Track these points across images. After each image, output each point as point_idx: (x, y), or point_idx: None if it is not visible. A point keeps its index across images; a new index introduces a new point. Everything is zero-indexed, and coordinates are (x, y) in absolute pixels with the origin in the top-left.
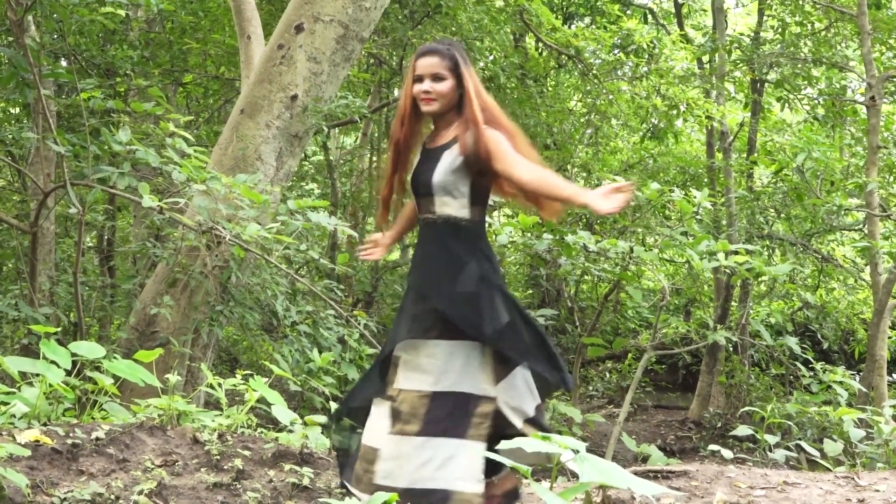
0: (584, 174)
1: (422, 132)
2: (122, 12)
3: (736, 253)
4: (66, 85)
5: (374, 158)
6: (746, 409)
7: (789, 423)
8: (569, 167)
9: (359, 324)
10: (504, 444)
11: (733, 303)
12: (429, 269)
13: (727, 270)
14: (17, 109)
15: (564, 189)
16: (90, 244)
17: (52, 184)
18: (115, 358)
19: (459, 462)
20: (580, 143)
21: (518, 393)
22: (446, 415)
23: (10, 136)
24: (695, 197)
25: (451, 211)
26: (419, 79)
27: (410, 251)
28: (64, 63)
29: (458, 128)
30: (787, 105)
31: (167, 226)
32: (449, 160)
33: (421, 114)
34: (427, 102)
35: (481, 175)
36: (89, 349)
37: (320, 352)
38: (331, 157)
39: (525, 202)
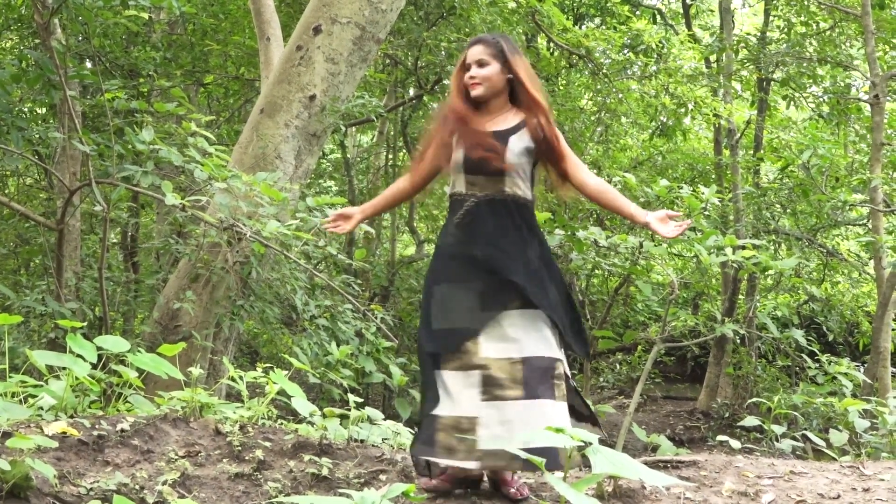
0: (595, 170)
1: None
2: (145, 15)
3: (743, 248)
4: (91, 86)
5: (390, 156)
6: (754, 400)
7: (795, 413)
8: None
9: (375, 317)
10: (520, 443)
11: (740, 296)
12: (503, 244)
13: (734, 265)
14: (44, 110)
15: (627, 205)
16: (114, 241)
17: (78, 182)
18: (139, 351)
19: (557, 421)
20: (591, 141)
21: (565, 358)
22: (539, 378)
23: (37, 136)
24: (703, 193)
25: (519, 191)
26: (468, 66)
27: (427, 246)
28: (89, 64)
29: (519, 113)
30: (792, 103)
31: (189, 223)
32: (521, 143)
33: (471, 100)
34: (473, 87)
35: (538, 162)
36: (114, 343)
37: (338, 345)
38: (348, 155)
39: (557, 186)
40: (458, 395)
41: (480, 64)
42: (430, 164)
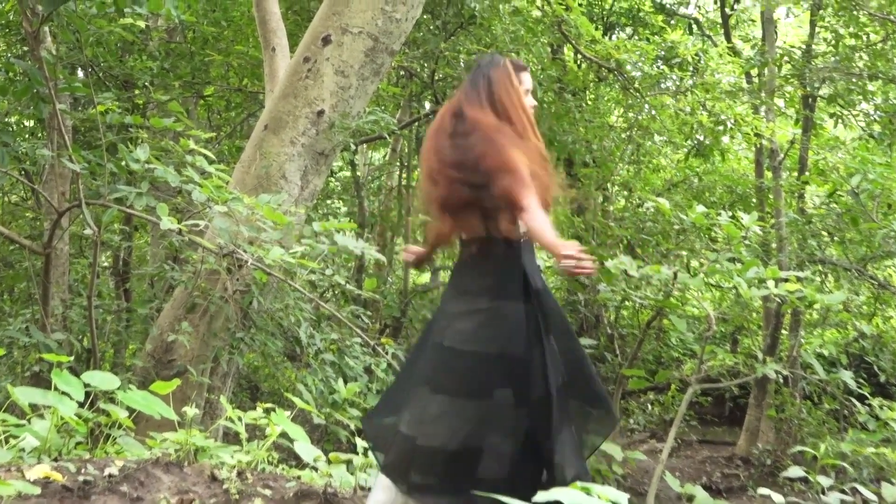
0: (626, 192)
1: None
2: (141, 23)
3: (786, 280)
4: (83, 98)
5: (404, 175)
6: (798, 449)
7: (844, 463)
8: (609, 185)
9: (386, 352)
10: (541, 497)
11: (784, 331)
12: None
13: (777, 299)
14: (32, 123)
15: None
16: (105, 265)
17: (67, 203)
18: (129, 388)
19: None
20: (621, 161)
21: None
22: None
23: (24, 152)
24: (743, 220)
25: None
26: (529, 93)
27: (442, 274)
28: (81, 74)
29: None
30: (840, 121)
31: (186, 248)
32: None
33: None
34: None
35: None
36: (103, 380)
37: (346, 382)
38: (358, 174)
39: None
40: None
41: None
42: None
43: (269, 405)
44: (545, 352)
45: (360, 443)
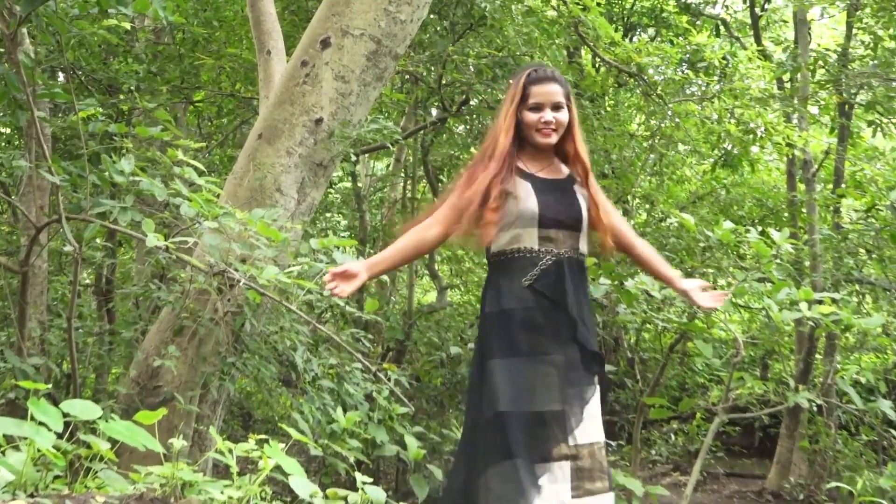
0: (647, 206)
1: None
2: (126, 25)
3: (820, 302)
4: (64, 104)
5: (409, 187)
6: (833, 484)
7: (882, 500)
8: (629, 198)
9: (389, 378)
10: None
11: (818, 355)
12: (584, 311)
13: (810, 322)
14: (9, 131)
15: (666, 269)
16: (87, 282)
17: (46, 217)
18: (112, 418)
19: None
20: (642, 172)
21: None
22: (609, 463)
23: (0, 163)
24: (773, 237)
25: (586, 249)
26: (538, 107)
27: (450, 294)
28: (61, 77)
29: (561, 163)
30: (879, 130)
31: (174, 266)
32: (583, 196)
33: (524, 143)
34: (548, 134)
35: None
36: (83, 408)
37: (345, 410)
38: (359, 185)
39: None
40: (547, 491)
41: (557, 107)
42: (475, 213)
43: (262, 436)
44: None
45: (360, 477)
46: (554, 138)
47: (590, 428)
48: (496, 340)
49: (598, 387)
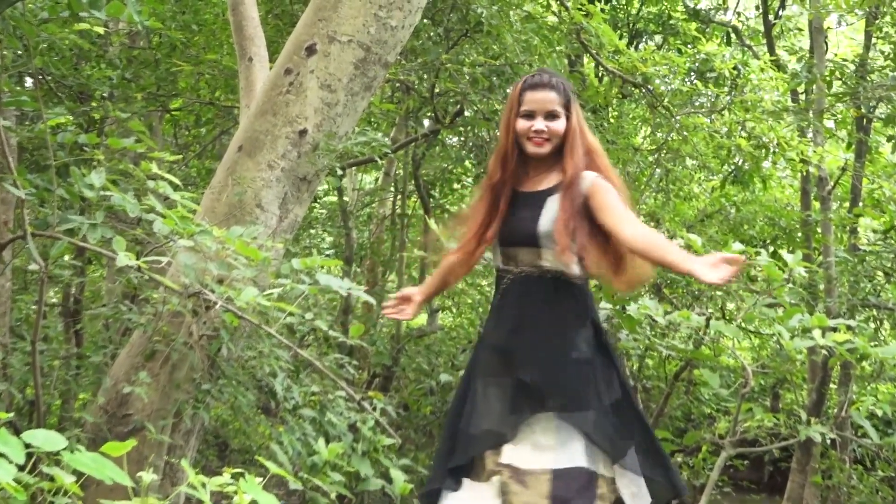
0: (653, 224)
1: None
2: (99, 29)
3: (835, 329)
4: (31, 112)
5: (399, 203)
6: None
7: None
8: None
9: (374, 407)
10: None
11: (832, 384)
12: (528, 333)
13: (824, 351)
14: None
15: (671, 252)
16: (53, 301)
17: (10, 233)
18: (78, 449)
19: None
20: (647, 188)
21: (637, 479)
22: (574, 494)
23: None
24: (786, 260)
25: (561, 265)
26: (529, 114)
27: (441, 316)
28: (29, 83)
29: (561, 169)
30: None
31: (146, 286)
32: (555, 207)
33: (524, 154)
34: (539, 144)
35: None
36: (47, 439)
37: (327, 441)
38: (346, 200)
39: (603, 268)
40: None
41: (551, 116)
42: (480, 235)
43: (238, 469)
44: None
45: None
46: (546, 148)
47: (533, 454)
48: (472, 359)
49: (561, 420)
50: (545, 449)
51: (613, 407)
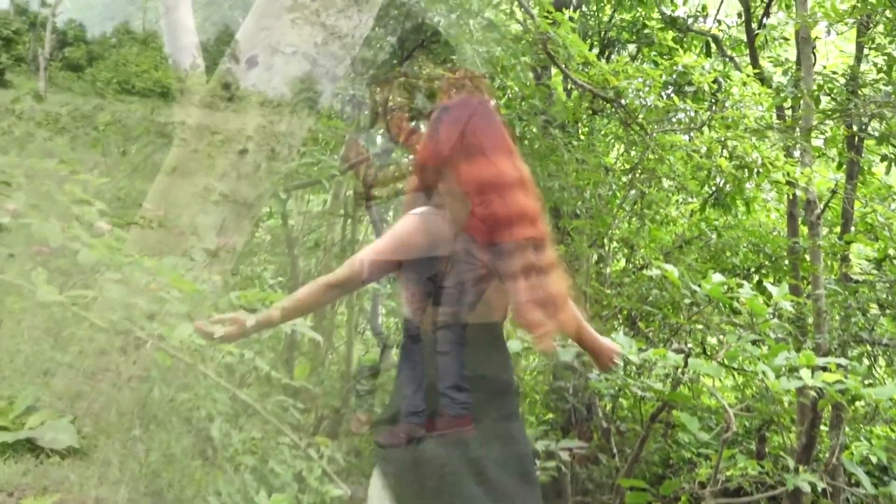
0: (626, 251)
1: None
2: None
3: (825, 368)
4: None
5: (349, 227)
6: None
7: None
8: (605, 241)
9: (321, 456)
10: None
11: (823, 426)
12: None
13: (813, 392)
14: None
15: None
16: None
17: None
18: None
19: None
20: (620, 211)
21: None
22: None
23: None
24: (769, 292)
25: None
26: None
27: (395, 353)
28: None
29: None
30: (893, 166)
31: (70, 322)
32: None
33: None
34: None
35: None
36: None
37: (269, 493)
38: (291, 224)
39: None
40: None
41: None
42: None
43: None
44: None
45: None
46: None
47: None
48: None
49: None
50: None
51: None
